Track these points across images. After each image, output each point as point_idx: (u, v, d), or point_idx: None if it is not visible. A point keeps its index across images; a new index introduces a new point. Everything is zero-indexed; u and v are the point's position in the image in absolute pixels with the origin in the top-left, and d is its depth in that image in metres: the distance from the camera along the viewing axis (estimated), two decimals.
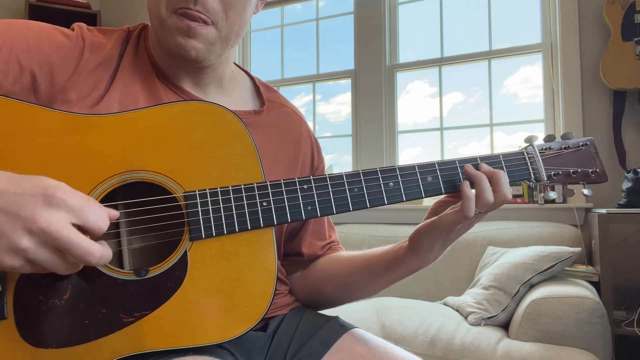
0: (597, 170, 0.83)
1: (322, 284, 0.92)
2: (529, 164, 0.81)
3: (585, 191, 0.82)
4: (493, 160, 0.79)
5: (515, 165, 0.81)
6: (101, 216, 0.55)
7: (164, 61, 0.81)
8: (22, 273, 0.54)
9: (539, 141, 0.84)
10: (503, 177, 0.74)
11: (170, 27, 0.74)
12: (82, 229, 0.54)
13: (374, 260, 0.85)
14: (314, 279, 0.93)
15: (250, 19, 0.83)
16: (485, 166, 0.77)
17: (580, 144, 0.84)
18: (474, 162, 0.78)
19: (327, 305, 0.95)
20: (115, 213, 0.59)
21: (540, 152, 0.82)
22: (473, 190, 0.74)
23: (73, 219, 0.52)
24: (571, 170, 0.82)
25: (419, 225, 0.80)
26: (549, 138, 0.84)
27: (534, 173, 0.81)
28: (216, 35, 0.76)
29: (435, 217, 0.76)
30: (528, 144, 0.83)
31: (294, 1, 3.41)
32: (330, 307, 0.95)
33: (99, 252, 0.54)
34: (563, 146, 0.84)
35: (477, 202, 0.73)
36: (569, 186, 0.84)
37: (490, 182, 0.74)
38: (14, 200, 0.51)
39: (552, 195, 0.83)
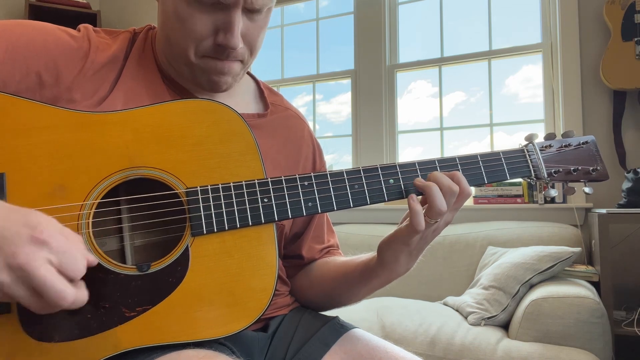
0: (598, 168, 0.83)
1: (308, 288, 0.92)
2: (529, 161, 0.82)
3: (587, 189, 0.82)
4: (493, 157, 0.80)
5: (515, 162, 0.81)
6: (78, 264, 0.54)
7: (171, 65, 0.81)
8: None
9: (540, 139, 0.84)
10: (438, 175, 0.72)
11: (202, 67, 0.77)
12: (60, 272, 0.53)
13: (351, 270, 0.85)
14: (302, 283, 0.93)
15: None
16: (436, 175, 0.73)
17: (581, 142, 0.84)
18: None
19: (310, 309, 0.94)
20: (92, 259, 0.57)
21: (540, 150, 0.82)
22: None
23: (53, 260, 0.51)
24: (571, 168, 0.83)
25: (385, 236, 0.78)
26: (550, 136, 0.85)
27: (534, 170, 0.82)
28: (241, 68, 0.80)
29: (396, 229, 0.75)
30: (528, 142, 0.83)
31: (295, 1, 3.42)
32: (319, 311, 0.95)
33: (72, 297, 0.52)
34: (564, 144, 0.84)
35: (429, 212, 0.71)
36: (570, 184, 0.84)
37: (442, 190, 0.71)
38: (0, 232, 0.50)
39: (553, 193, 0.83)
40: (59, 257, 0.52)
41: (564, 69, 2.56)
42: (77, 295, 0.53)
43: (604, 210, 2.02)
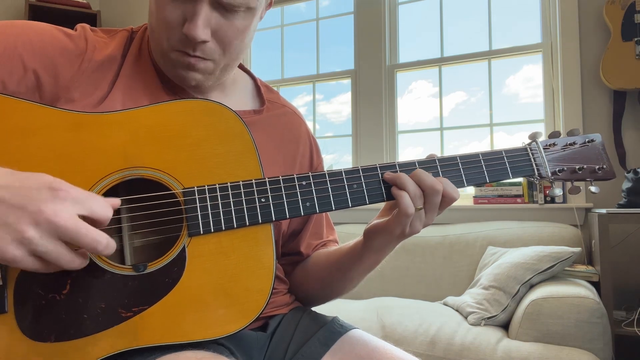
0: (604, 166, 0.81)
1: (304, 281, 0.93)
2: (532, 159, 0.80)
3: (593, 188, 0.81)
4: (495, 156, 0.79)
5: (518, 161, 0.79)
6: (105, 206, 0.57)
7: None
8: (23, 269, 0.54)
9: (544, 137, 0.82)
10: (421, 173, 0.73)
11: (171, 59, 0.77)
12: (88, 219, 0.55)
13: (342, 255, 0.85)
14: (299, 277, 0.93)
15: (251, 41, 0.84)
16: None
17: (587, 140, 0.82)
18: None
19: (310, 303, 0.95)
20: (116, 201, 0.60)
21: (544, 148, 0.81)
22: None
23: (79, 209, 0.54)
24: (576, 167, 0.81)
25: (374, 222, 0.79)
26: (554, 134, 0.83)
27: (537, 169, 0.80)
28: (214, 67, 0.79)
29: (386, 220, 0.75)
30: (532, 140, 0.82)
31: (294, 1, 3.42)
32: (313, 305, 0.95)
33: (106, 240, 0.55)
34: (568, 142, 0.82)
35: (412, 198, 0.71)
36: (575, 183, 0.82)
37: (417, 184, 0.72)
38: (19, 193, 0.52)
39: (558, 192, 0.81)
40: (84, 205, 0.55)
41: (564, 69, 2.55)
42: (108, 239, 0.56)
43: (604, 210, 2.02)
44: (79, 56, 0.75)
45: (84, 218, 0.55)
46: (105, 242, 0.55)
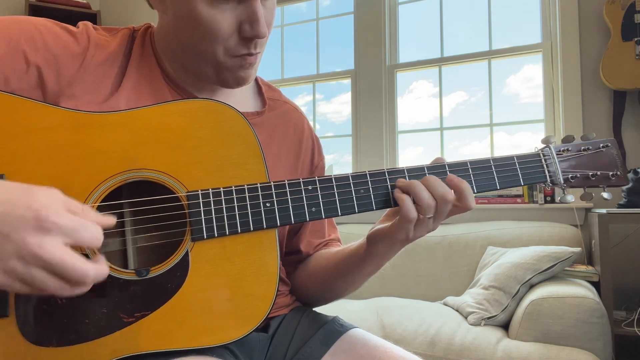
0: (618, 173, 0.79)
1: (306, 282, 0.92)
2: (545, 166, 0.78)
3: (605, 194, 0.78)
4: (506, 162, 0.77)
5: (531, 167, 0.77)
6: (94, 232, 0.53)
7: (171, 64, 0.81)
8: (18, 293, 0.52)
9: (558, 142, 0.80)
10: (434, 181, 0.71)
11: (229, 67, 0.77)
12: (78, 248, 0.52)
13: (344, 258, 0.85)
14: (301, 278, 0.93)
15: None
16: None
17: (601, 145, 0.80)
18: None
19: (311, 304, 0.95)
20: (110, 221, 0.57)
21: (557, 154, 0.78)
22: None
23: (66, 240, 0.51)
24: (590, 173, 0.79)
25: (377, 227, 0.78)
26: (568, 139, 0.81)
27: (550, 176, 0.78)
28: (260, 57, 0.80)
29: (389, 225, 0.74)
30: (545, 145, 0.80)
31: (295, 1, 3.42)
32: (313, 306, 0.95)
33: (94, 272, 0.52)
34: (582, 147, 0.80)
35: (419, 207, 0.70)
36: (587, 189, 0.80)
37: (429, 190, 0.70)
38: (4, 219, 0.49)
39: (570, 199, 0.79)
40: (71, 234, 0.51)
41: (564, 69, 2.55)
42: (96, 270, 0.52)
43: (604, 210, 2.02)
44: (81, 53, 0.74)
45: (73, 246, 0.52)
46: (92, 275, 0.52)
